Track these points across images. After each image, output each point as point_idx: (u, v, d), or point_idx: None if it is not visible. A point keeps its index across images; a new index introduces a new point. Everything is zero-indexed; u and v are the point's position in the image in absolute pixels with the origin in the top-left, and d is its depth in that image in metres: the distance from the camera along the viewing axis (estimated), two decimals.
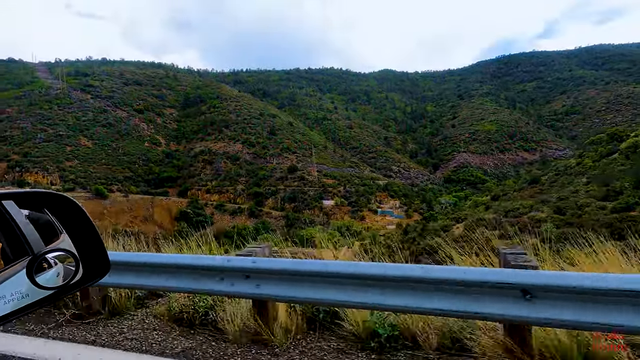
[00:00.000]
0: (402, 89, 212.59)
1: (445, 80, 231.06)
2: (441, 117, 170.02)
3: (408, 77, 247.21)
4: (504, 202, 39.04)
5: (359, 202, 75.75)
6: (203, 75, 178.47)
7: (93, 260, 1.03)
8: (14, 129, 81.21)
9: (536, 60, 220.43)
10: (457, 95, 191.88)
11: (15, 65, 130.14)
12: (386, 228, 67.78)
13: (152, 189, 79.45)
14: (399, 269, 2.74)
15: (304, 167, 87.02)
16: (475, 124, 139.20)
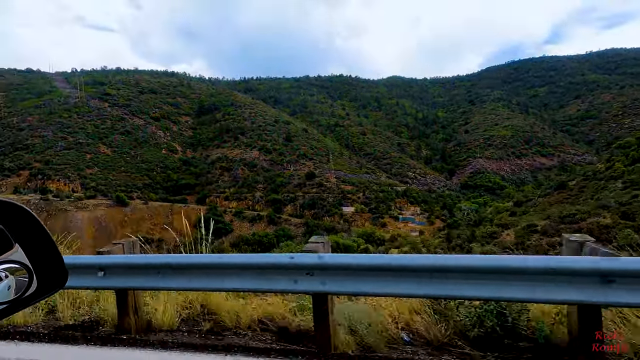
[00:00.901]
0: (411, 95, 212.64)
1: (455, 86, 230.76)
2: (453, 122, 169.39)
3: (417, 83, 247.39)
4: (558, 208, 37.67)
5: (379, 208, 74.81)
6: (214, 83, 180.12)
7: (49, 272, 0.97)
8: (35, 138, 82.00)
9: (547, 65, 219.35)
10: (467, 100, 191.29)
11: (33, 75, 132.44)
12: (410, 235, 66.72)
13: (170, 196, 79.36)
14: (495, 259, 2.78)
15: (321, 173, 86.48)
16: (489, 130, 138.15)
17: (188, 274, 3.46)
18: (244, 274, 3.28)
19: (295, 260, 3.11)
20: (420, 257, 3.03)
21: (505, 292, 2.59)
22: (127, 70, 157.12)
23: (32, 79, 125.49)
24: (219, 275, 3.35)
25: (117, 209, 68.79)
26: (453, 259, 2.98)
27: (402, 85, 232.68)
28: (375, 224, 70.51)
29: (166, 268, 3.52)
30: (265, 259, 3.31)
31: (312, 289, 3.12)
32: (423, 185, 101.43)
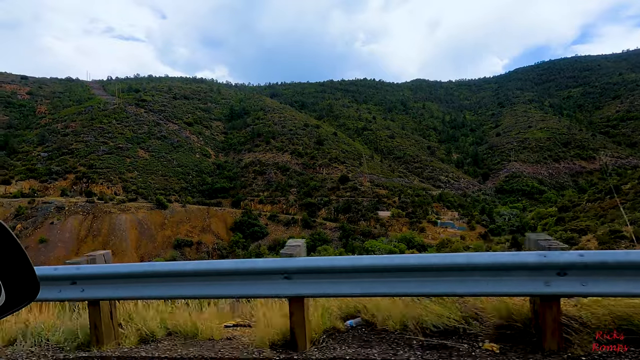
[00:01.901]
0: (437, 98, 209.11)
1: (482, 89, 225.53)
2: (482, 125, 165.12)
3: (441, 85, 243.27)
4: (617, 213, 35.49)
5: (416, 213, 73.11)
6: (240, 88, 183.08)
7: (19, 283, 0.93)
8: (79, 142, 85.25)
9: (580, 65, 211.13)
10: (496, 103, 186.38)
11: (72, 83, 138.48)
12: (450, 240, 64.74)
13: (206, 199, 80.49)
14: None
15: (354, 177, 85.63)
16: (522, 132, 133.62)
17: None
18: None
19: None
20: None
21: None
22: (158, 78, 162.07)
23: (72, 87, 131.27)
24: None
25: (157, 211, 70.22)
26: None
27: (427, 88, 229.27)
28: (414, 228, 68.86)
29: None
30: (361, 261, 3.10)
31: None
32: (457, 190, 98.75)
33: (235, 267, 3.20)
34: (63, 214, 63.44)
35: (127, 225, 64.94)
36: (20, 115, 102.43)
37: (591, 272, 2.61)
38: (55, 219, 61.96)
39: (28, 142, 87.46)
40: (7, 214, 64.59)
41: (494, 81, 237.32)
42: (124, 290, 3.30)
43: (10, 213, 64.46)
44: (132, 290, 3.30)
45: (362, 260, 3.11)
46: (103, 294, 3.31)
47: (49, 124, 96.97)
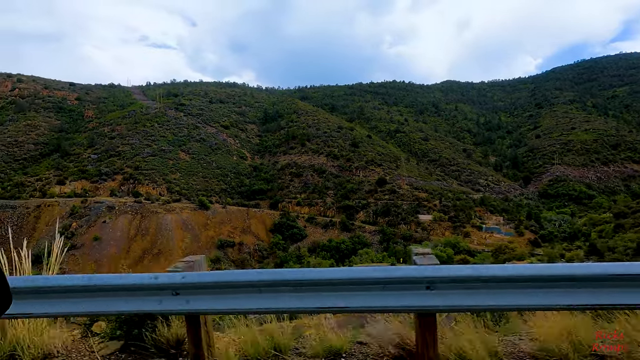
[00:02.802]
0: (470, 99, 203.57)
1: (516, 89, 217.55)
2: (519, 127, 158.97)
3: (473, 87, 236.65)
4: None
5: (459, 217, 70.87)
6: (270, 92, 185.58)
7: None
8: (125, 145, 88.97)
9: (625, 64, 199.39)
10: (534, 104, 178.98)
11: (115, 89, 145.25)
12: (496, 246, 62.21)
13: (245, 200, 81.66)
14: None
15: (392, 179, 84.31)
16: (565, 134, 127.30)
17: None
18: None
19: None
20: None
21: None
22: (193, 83, 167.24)
23: (115, 92, 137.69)
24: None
25: (200, 212, 71.91)
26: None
27: (459, 89, 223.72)
28: (457, 233, 66.74)
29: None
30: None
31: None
32: (498, 194, 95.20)
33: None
34: (114, 214, 66.19)
35: (173, 225, 66.85)
36: (70, 120, 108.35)
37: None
38: (107, 218, 64.72)
39: (78, 144, 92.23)
40: (63, 212, 68.16)
41: (529, 81, 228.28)
42: (224, 302, 2.81)
43: (66, 212, 68.00)
44: (232, 301, 2.80)
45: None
46: (206, 306, 2.83)
47: (96, 127, 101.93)
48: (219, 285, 2.81)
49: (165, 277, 2.84)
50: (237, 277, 2.83)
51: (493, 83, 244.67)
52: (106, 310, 2.94)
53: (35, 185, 75.98)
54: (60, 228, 64.13)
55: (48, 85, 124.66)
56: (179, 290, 2.81)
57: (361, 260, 60.74)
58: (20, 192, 73.22)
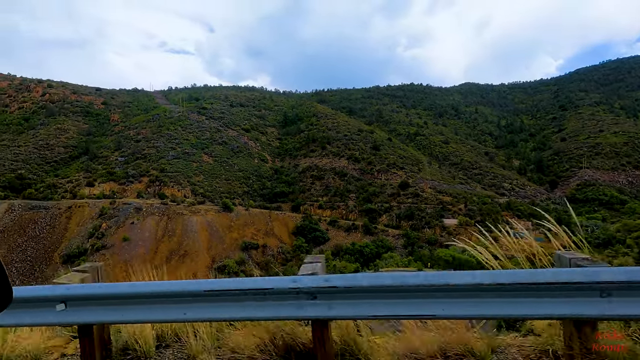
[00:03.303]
0: (490, 101, 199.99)
1: (538, 91, 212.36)
2: (542, 130, 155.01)
3: (493, 89, 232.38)
4: None
5: (485, 221, 69.10)
6: (288, 96, 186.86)
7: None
8: (150, 148, 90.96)
9: None
10: (557, 106, 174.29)
11: (139, 94, 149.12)
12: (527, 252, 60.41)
13: (267, 203, 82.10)
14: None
15: (415, 183, 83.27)
16: (593, 137, 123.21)
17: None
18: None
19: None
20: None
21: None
22: (213, 87, 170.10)
23: (138, 97, 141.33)
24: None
25: (224, 214, 72.66)
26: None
27: (478, 91, 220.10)
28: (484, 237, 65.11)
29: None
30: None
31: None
32: (523, 198, 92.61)
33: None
34: (141, 215, 67.59)
35: (198, 227, 67.74)
36: (97, 123, 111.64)
37: None
38: (135, 219, 66.12)
39: (106, 147, 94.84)
40: (93, 213, 70.11)
41: (552, 83, 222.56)
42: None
43: (95, 213, 69.89)
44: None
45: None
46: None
47: (122, 131, 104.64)
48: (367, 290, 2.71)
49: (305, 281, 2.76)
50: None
51: (513, 85, 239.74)
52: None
53: (66, 186, 78.43)
54: (90, 228, 65.99)
55: (76, 90, 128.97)
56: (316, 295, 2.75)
57: (386, 264, 60.08)
58: (52, 193, 75.69)
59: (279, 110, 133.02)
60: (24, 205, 70.35)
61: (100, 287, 3.01)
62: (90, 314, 2.90)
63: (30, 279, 59.46)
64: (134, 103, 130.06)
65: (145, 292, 2.86)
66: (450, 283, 2.57)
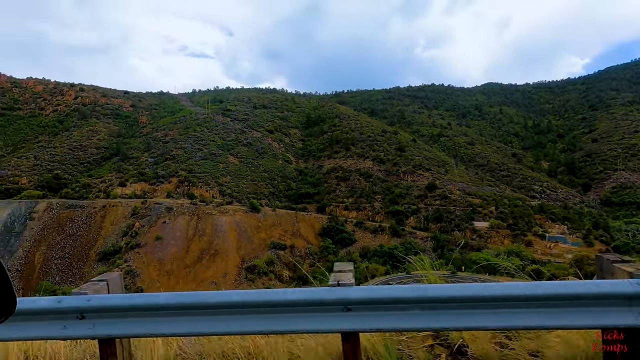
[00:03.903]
0: (514, 102, 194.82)
1: (565, 91, 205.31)
2: (571, 130, 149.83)
3: (517, 89, 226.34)
4: None
5: (518, 224, 67.28)
6: (308, 97, 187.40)
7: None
8: (178, 149, 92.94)
9: None
10: (587, 105, 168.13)
11: (164, 96, 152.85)
12: (564, 257, 58.33)
13: (292, 204, 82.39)
14: None
15: (442, 184, 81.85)
16: (628, 137, 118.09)
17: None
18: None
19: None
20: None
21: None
22: (236, 89, 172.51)
23: (164, 99, 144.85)
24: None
25: (251, 214, 73.35)
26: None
27: (501, 92, 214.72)
28: (517, 241, 63.33)
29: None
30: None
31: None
32: (555, 201, 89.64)
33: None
34: (172, 214, 69.03)
35: (227, 227, 68.61)
36: (127, 125, 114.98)
37: None
38: (167, 219, 67.59)
39: (135, 148, 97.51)
40: (126, 212, 72.11)
41: (580, 82, 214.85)
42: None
43: (128, 212, 71.86)
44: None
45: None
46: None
47: (150, 132, 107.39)
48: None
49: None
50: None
51: (539, 85, 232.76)
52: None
53: (100, 186, 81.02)
54: (124, 227, 67.88)
55: (106, 93, 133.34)
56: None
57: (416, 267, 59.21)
58: (87, 192, 78.33)
59: (301, 112, 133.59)
60: (62, 204, 73.10)
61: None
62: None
63: (68, 275, 61.66)
64: (160, 105, 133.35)
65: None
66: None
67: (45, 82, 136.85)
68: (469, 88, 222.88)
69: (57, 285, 58.69)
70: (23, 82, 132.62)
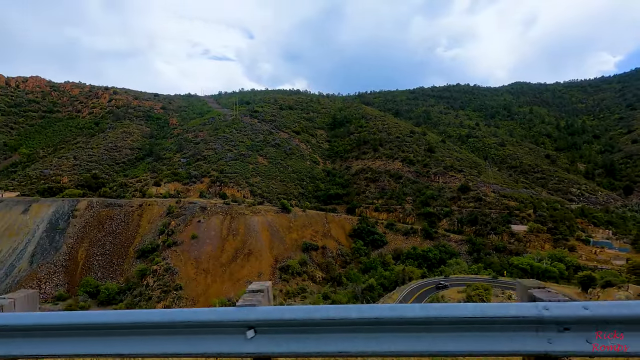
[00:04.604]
0: (544, 101, 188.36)
1: (600, 90, 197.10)
2: (607, 131, 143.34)
3: (547, 88, 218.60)
4: None
5: (559, 228, 64.63)
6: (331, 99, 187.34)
7: None
8: (209, 150, 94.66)
9: None
10: (624, 105, 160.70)
11: (192, 98, 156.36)
12: (612, 264, 55.56)
13: (321, 205, 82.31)
14: None
15: (475, 186, 79.78)
16: None
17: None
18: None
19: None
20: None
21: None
22: (260, 91, 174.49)
23: (192, 101, 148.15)
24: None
25: (283, 215, 73.73)
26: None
27: (530, 91, 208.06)
28: (559, 246, 60.83)
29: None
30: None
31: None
32: (594, 204, 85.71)
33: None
34: (207, 214, 70.24)
35: (259, 227, 69.20)
36: (158, 127, 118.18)
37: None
38: (202, 218, 68.82)
39: (167, 149, 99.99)
40: (161, 211, 73.93)
41: (615, 80, 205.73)
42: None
43: (164, 211, 73.65)
44: None
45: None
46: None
47: (181, 134, 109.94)
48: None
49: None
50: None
51: (570, 84, 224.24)
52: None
53: (136, 185, 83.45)
54: (161, 226, 69.61)
55: (137, 96, 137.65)
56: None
57: (453, 270, 57.72)
58: (124, 192, 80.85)
59: (326, 113, 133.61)
60: (101, 202, 75.72)
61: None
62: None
63: (109, 271, 63.77)
64: (189, 107, 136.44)
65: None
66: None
67: (81, 85, 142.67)
68: (495, 88, 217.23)
69: (100, 280, 60.91)
70: (61, 86, 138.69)
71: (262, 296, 2.84)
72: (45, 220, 69.31)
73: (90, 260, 65.17)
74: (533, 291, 2.67)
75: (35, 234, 66.59)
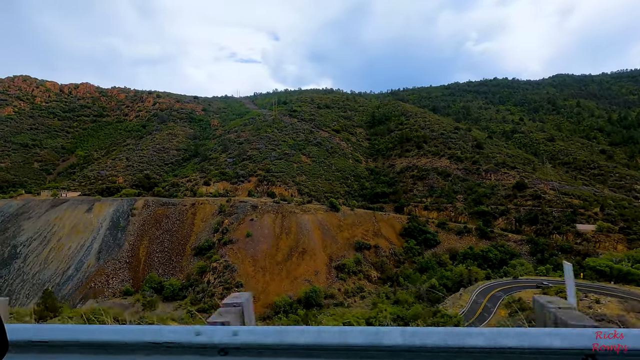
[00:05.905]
0: (590, 94, 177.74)
1: None
2: None
3: (593, 80, 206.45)
4: None
5: (632, 228, 60.42)
6: (364, 97, 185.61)
7: None
8: (253, 150, 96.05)
9: None
10: None
11: (229, 100, 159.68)
12: None
13: (368, 203, 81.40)
14: None
15: (532, 183, 76.21)
16: None
17: None
18: None
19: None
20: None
21: None
22: (294, 91, 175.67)
23: (230, 103, 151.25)
24: None
25: (332, 213, 73.50)
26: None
27: (574, 83, 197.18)
28: (635, 246, 56.78)
29: None
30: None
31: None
32: None
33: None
34: (258, 212, 71.18)
35: (311, 225, 69.31)
36: (200, 128, 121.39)
37: None
38: (254, 217, 69.79)
39: (212, 149, 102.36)
40: (213, 210, 75.69)
41: None
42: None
43: (215, 210, 75.35)
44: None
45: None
46: None
47: (223, 134, 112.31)
48: None
49: None
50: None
51: (618, 74, 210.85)
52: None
53: (186, 185, 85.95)
54: (214, 224, 71.23)
55: (179, 99, 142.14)
56: None
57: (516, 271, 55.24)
58: (176, 191, 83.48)
59: (364, 111, 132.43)
60: (156, 201, 78.55)
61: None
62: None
63: (169, 268, 65.93)
64: (227, 109, 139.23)
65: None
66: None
67: (126, 90, 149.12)
68: (536, 81, 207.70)
69: (162, 277, 63.11)
70: (108, 91, 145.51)
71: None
72: (107, 219, 72.72)
73: (151, 257, 67.67)
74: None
75: (99, 232, 69.99)
